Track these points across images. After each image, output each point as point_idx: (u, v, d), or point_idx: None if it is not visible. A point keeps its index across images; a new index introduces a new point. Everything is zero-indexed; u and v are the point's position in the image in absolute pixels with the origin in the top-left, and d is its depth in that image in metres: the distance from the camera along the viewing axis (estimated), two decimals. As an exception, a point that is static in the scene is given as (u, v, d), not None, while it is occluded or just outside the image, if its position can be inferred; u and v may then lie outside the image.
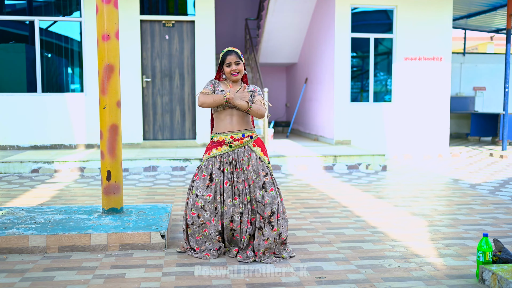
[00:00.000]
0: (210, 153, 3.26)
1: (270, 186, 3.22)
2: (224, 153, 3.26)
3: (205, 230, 3.24)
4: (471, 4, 10.70)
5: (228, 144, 3.25)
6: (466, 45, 15.62)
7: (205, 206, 3.20)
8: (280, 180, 6.48)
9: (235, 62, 3.29)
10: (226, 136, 3.26)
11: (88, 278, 2.89)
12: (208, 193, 3.20)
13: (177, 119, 8.80)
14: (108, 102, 3.79)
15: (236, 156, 3.26)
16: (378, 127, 9.07)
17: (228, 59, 3.29)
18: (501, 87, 12.55)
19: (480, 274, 2.84)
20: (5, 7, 8.46)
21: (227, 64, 3.31)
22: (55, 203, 5.01)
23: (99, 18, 3.78)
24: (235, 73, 3.31)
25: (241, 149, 3.27)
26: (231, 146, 3.26)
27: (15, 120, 8.17)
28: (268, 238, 3.18)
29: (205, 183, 3.21)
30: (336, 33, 8.82)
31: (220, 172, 3.24)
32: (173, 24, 8.64)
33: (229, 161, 3.26)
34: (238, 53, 3.33)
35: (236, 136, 3.26)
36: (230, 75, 3.32)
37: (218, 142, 3.28)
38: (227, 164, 3.26)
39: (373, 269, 3.08)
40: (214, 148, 3.27)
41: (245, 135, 3.28)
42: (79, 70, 8.54)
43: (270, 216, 3.17)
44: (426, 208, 4.84)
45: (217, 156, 3.26)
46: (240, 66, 3.31)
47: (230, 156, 3.26)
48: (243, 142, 3.26)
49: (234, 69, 3.30)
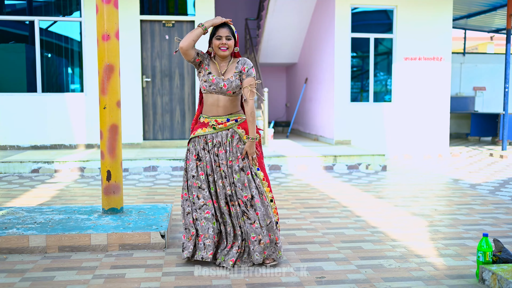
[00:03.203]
0: (195, 133, 3.21)
1: (247, 169, 3.14)
2: (208, 134, 3.18)
3: (207, 212, 3.14)
4: (471, 4, 10.70)
5: (212, 126, 3.18)
6: (466, 45, 15.63)
7: (202, 185, 3.15)
8: (280, 180, 6.48)
9: (226, 36, 3.08)
10: (211, 119, 3.18)
11: (88, 278, 2.89)
12: (200, 171, 3.16)
13: (177, 119, 8.80)
14: (108, 102, 3.79)
15: (220, 138, 3.17)
16: (378, 127, 9.07)
17: (220, 31, 3.09)
18: (501, 87, 12.56)
19: (480, 274, 2.84)
20: (5, 7, 8.46)
21: (217, 37, 3.10)
22: (55, 203, 5.01)
23: (99, 18, 3.78)
24: (224, 47, 3.09)
25: (225, 132, 3.17)
26: (215, 129, 3.17)
27: (15, 120, 8.17)
28: (255, 221, 3.08)
29: (195, 163, 3.17)
30: (336, 33, 8.82)
31: (205, 152, 3.18)
32: (173, 24, 8.64)
33: (213, 143, 3.18)
34: (232, 28, 3.13)
35: (221, 120, 3.17)
36: (218, 49, 3.11)
37: (203, 123, 3.21)
38: (211, 145, 3.17)
39: (373, 269, 3.08)
40: (199, 128, 3.21)
41: (230, 119, 3.18)
42: (79, 70, 8.54)
43: (251, 200, 3.10)
44: (426, 208, 4.84)
45: (201, 136, 3.19)
46: (230, 42, 3.10)
47: (214, 138, 3.18)
48: (227, 126, 3.17)
49: (224, 42, 3.08)
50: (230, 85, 3.11)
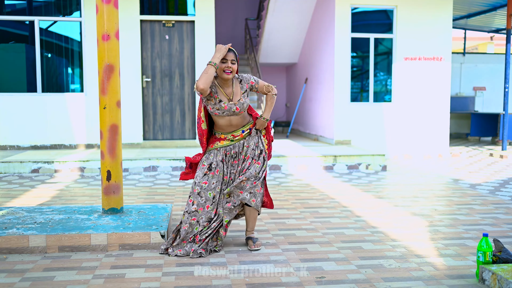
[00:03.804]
0: (213, 146, 3.42)
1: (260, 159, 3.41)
2: (227, 146, 3.41)
3: (193, 218, 3.34)
4: (471, 4, 10.70)
5: (229, 140, 3.42)
6: (466, 45, 15.63)
7: (200, 193, 3.35)
8: (280, 180, 6.48)
9: (231, 60, 3.29)
10: (228, 135, 3.42)
11: (88, 278, 2.89)
12: (204, 180, 3.35)
13: (177, 119, 8.80)
14: (108, 102, 3.79)
15: (237, 149, 3.42)
16: (378, 127, 9.07)
17: (226, 55, 3.28)
18: (501, 87, 12.56)
19: (480, 274, 2.84)
20: (5, 7, 8.46)
21: (223, 60, 3.28)
22: (55, 203, 5.01)
23: (99, 18, 3.78)
24: (228, 70, 3.28)
25: (242, 141, 3.44)
26: (233, 141, 3.42)
27: (15, 120, 8.17)
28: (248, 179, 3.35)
29: (203, 172, 3.37)
30: (336, 33, 8.82)
31: (222, 164, 3.39)
32: (173, 24, 8.64)
33: (231, 155, 3.42)
34: (236, 54, 3.36)
35: (237, 133, 3.42)
36: (222, 72, 3.29)
37: (220, 138, 3.43)
38: (230, 157, 3.41)
39: (373, 269, 3.08)
40: (217, 141, 3.43)
41: (245, 130, 3.43)
42: (79, 70, 8.54)
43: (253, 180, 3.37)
44: (426, 208, 4.84)
45: (220, 149, 3.41)
46: (234, 66, 3.30)
47: (231, 149, 3.42)
48: (243, 136, 3.43)
49: (229, 66, 3.28)
50: (242, 107, 3.35)
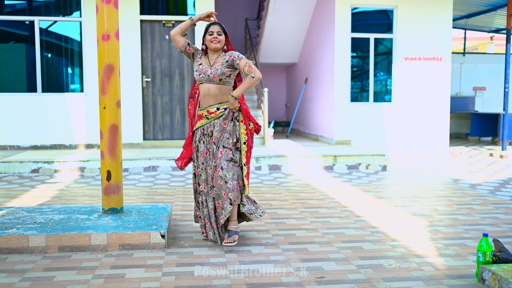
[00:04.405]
0: (195, 126, 3.57)
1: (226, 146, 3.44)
2: (204, 125, 3.51)
3: (198, 196, 3.60)
4: (471, 4, 10.70)
5: (205, 117, 3.51)
6: (466, 45, 15.63)
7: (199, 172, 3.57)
8: (280, 180, 6.48)
9: (217, 31, 3.46)
10: (204, 111, 3.51)
11: (88, 278, 2.89)
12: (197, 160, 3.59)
13: (177, 119, 8.80)
14: (108, 102, 3.79)
15: (212, 127, 3.49)
16: (378, 127, 9.07)
17: (212, 28, 3.47)
18: (501, 87, 12.56)
19: (480, 274, 2.84)
20: (5, 7, 8.46)
21: (209, 33, 3.47)
22: (55, 203, 5.01)
23: (99, 18, 3.78)
24: (215, 40, 3.45)
25: (217, 121, 3.48)
26: (208, 119, 3.50)
27: (15, 120, 8.17)
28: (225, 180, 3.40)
29: (196, 154, 3.58)
30: (336, 33, 8.82)
31: (200, 143, 3.53)
32: (173, 24, 8.64)
33: (207, 133, 3.51)
34: (223, 26, 3.51)
35: (212, 109, 3.48)
36: (210, 43, 3.46)
37: (200, 115, 3.55)
38: (206, 136, 3.51)
39: (373, 269, 3.08)
40: (198, 121, 3.57)
41: (220, 107, 3.47)
42: (79, 70, 8.54)
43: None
44: (426, 208, 4.84)
45: (199, 128, 3.55)
46: (221, 37, 3.47)
47: (207, 128, 3.50)
48: (217, 114, 3.47)
49: (215, 36, 3.44)
50: (216, 72, 3.42)
